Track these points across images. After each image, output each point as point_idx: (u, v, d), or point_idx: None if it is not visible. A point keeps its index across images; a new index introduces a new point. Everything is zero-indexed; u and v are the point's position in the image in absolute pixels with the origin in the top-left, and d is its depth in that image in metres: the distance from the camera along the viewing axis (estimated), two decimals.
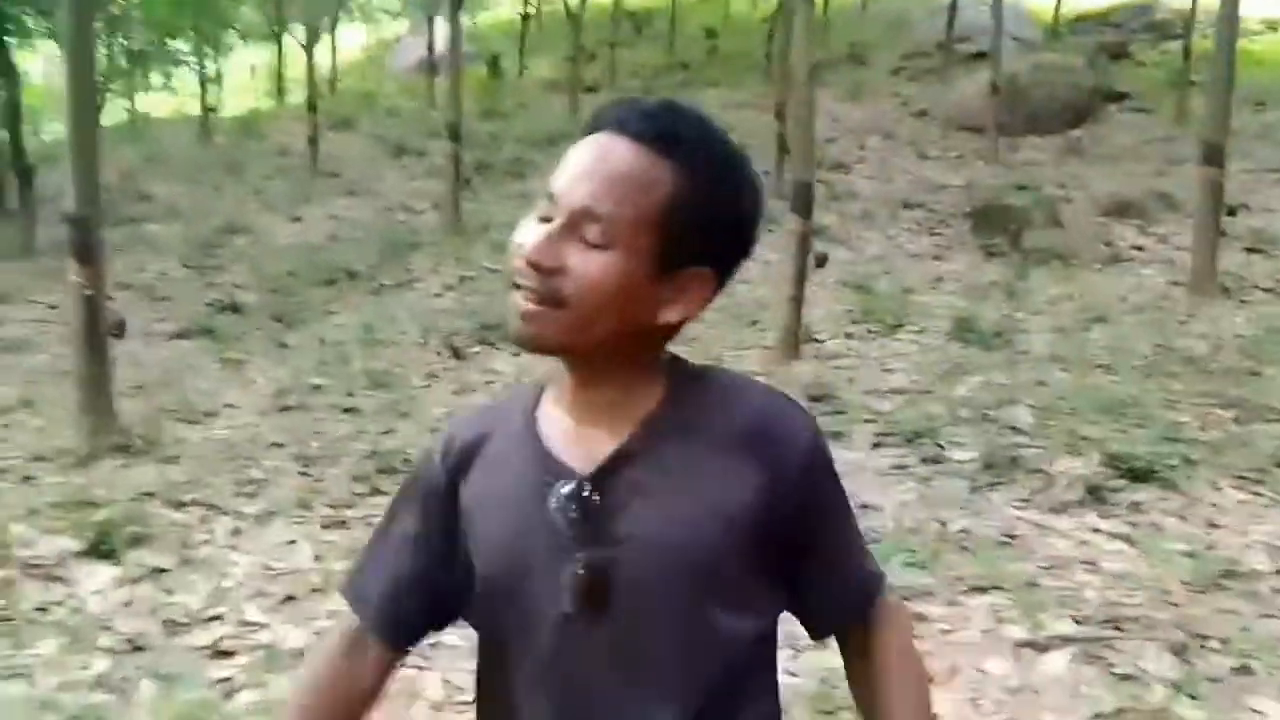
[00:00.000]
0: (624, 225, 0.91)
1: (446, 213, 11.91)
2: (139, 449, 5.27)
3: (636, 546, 0.95)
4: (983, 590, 3.64)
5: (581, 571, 0.95)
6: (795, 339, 7.19)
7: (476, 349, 7.63)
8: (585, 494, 0.96)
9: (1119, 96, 16.53)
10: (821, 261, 8.98)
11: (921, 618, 3.47)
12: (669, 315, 0.97)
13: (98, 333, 5.17)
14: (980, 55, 17.19)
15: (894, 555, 3.91)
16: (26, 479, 5.04)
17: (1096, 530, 4.19)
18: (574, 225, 0.92)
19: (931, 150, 15.39)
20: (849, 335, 7.90)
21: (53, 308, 8.37)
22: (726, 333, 8.17)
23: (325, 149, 15.90)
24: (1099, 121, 15.72)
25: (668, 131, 0.93)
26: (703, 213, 0.94)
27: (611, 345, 0.96)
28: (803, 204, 7.03)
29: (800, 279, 7.11)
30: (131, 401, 5.78)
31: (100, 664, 3.31)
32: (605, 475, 0.97)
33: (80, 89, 5.00)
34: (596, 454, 0.98)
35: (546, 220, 0.94)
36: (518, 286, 0.93)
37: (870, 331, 7.89)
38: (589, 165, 0.93)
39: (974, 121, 15.27)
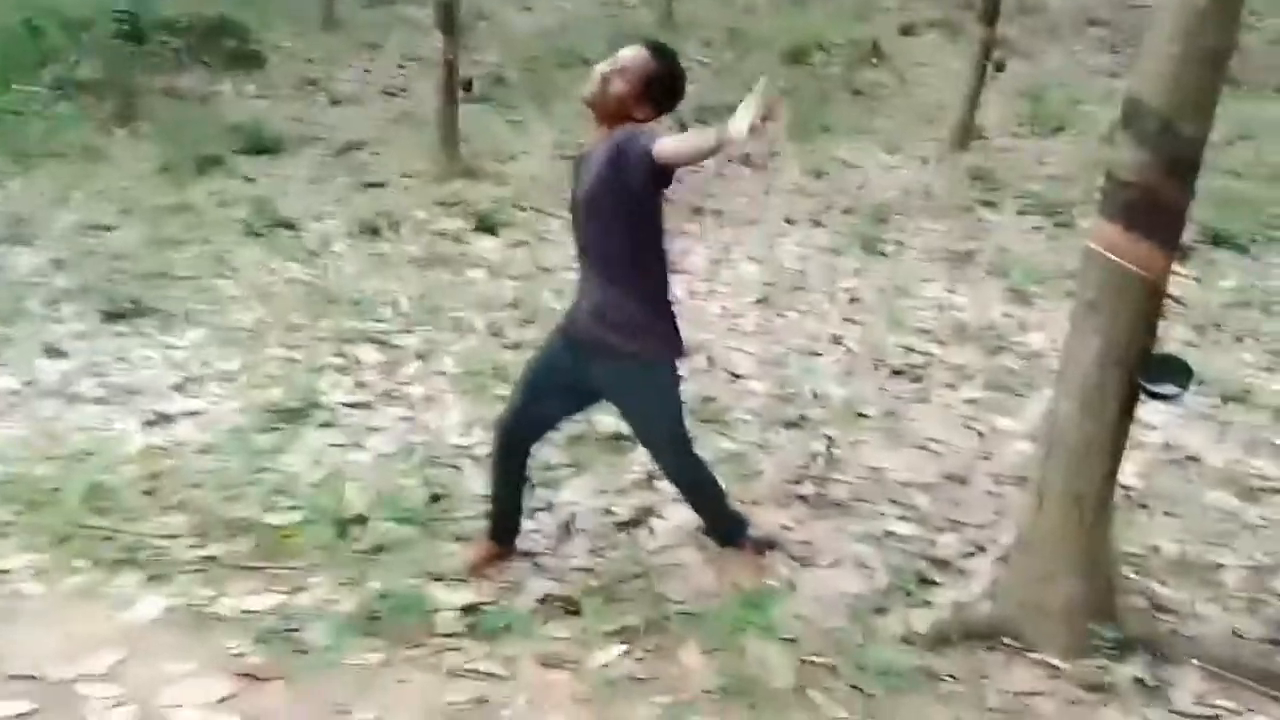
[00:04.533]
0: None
1: (659, 8, 13.35)
2: (475, 175, 7.42)
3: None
4: None
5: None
6: (966, 134, 8.63)
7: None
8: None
9: None
10: (1000, 67, 10.11)
11: (1026, 302, 5.26)
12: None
13: (453, 88, 7.22)
14: None
15: (1017, 272, 5.66)
16: (405, 189, 7.29)
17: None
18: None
19: None
20: (1014, 135, 9.25)
21: (366, 71, 10.56)
22: (906, 127, 9.65)
23: None
24: None
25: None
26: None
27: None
28: (989, 13, 8.29)
29: (978, 82, 8.47)
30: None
31: (511, 284, 5.51)
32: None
33: None
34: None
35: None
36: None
37: (1034, 132, 9.22)
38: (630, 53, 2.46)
39: None
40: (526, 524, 2.94)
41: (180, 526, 3.01)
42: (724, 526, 2.79)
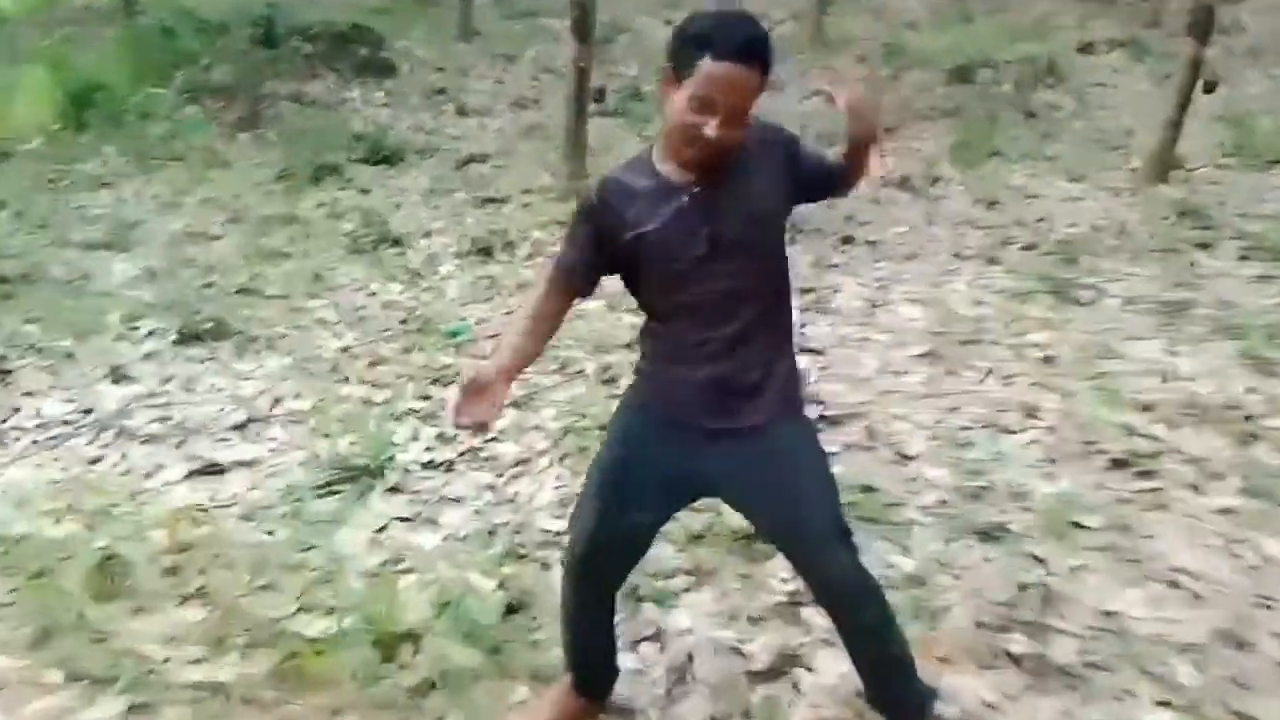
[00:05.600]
0: None
1: (808, 24, 12.50)
2: None
3: None
4: None
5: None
6: (1164, 164, 7.44)
7: None
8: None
9: None
10: (1211, 88, 8.84)
11: (1272, 373, 4.16)
12: None
13: (584, 97, 6.58)
14: None
15: (1255, 334, 4.56)
16: (525, 205, 6.68)
17: None
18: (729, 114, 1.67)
19: None
20: (1220, 166, 7.97)
21: (499, 83, 10.12)
22: (1088, 153, 8.49)
23: None
24: None
25: None
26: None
27: None
28: (1202, 28, 7.11)
29: (1184, 104, 7.28)
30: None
31: (630, 319, 4.76)
32: None
33: None
34: None
35: None
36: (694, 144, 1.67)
37: (1244, 164, 7.92)
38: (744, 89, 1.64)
39: None
40: (627, 659, 2.17)
41: (191, 629, 2.37)
42: (901, 694, 1.95)
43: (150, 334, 4.42)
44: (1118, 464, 3.32)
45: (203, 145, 7.71)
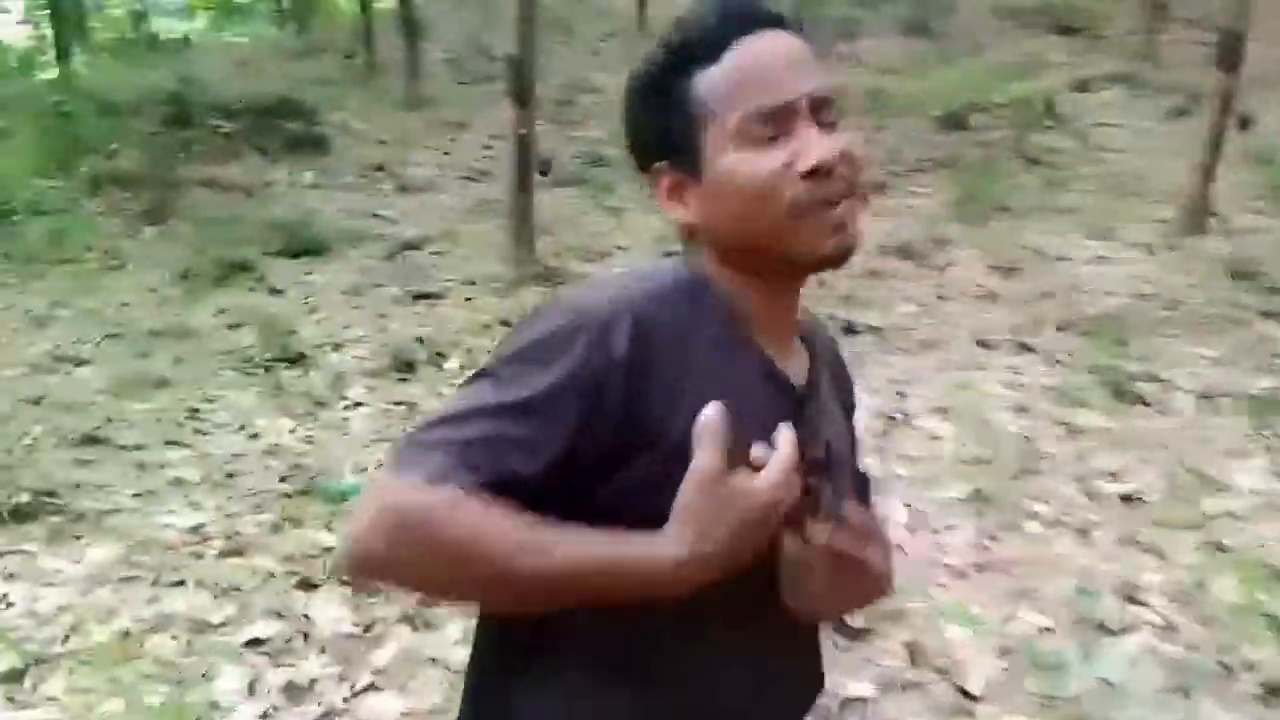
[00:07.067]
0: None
1: None
2: (557, 279, 5.75)
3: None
4: None
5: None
6: (1201, 212, 6.51)
7: None
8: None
9: None
10: (1246, 124, 7.97)
11: None
12: None
13: (528, 170, 5.62)
14: None
15: None
16: (464, 300, 5.67)
17: None
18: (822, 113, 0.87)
19: None
20: (1260, 212, 7.05)
21: (446, 154, 9.20)
22: (1106, 203, 7.56)
23: (651, 11, 16.01)
24: None
25: None
26: None
27: None
28: (1230, 57, 6.24)
29: (1216, 144, 6.38)
30: (539, 239, 6.25)
31: None
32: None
33: None
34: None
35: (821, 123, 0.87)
36: (829, 203, 0.85)
37: None
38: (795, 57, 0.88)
39: None
40: None
41: None
42: None
43: None
44: (1277, 693, 2.27)
45: (100, 244, 6.70)
